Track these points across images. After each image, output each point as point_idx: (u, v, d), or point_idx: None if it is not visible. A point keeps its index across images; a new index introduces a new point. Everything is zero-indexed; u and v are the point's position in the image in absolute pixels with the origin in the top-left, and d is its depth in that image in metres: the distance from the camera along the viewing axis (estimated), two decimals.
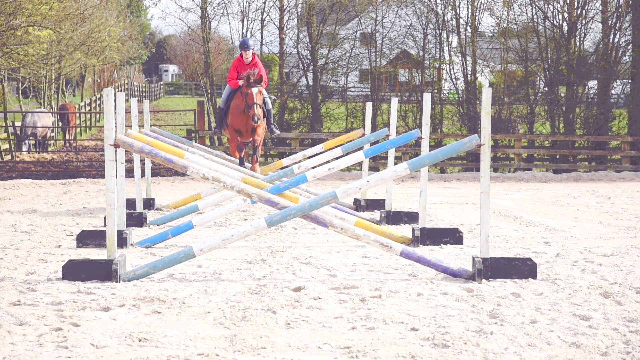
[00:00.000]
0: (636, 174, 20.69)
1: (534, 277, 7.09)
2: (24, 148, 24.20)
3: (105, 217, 8.31)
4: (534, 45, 23.78)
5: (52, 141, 28.20)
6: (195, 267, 7.73)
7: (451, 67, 24.02)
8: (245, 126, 12.37)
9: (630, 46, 23.00)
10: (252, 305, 6.08)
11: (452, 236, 9.23)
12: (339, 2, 23.87)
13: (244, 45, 12.61)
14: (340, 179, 18.82)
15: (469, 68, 23.67)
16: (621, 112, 24.18)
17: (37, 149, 25.15)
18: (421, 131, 9.61)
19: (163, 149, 8.70)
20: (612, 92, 23.75)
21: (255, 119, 11.89)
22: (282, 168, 12.45)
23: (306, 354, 4.95)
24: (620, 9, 23.11)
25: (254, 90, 12.02)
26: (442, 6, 23.85)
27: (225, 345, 5.08)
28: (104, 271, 6.94)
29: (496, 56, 24.74)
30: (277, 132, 13.02)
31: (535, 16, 23.49)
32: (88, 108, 34.35)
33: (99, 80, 45.55)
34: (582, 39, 23.61)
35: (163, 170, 20.08)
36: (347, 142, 11.83)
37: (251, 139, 12.58)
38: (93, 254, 8.38)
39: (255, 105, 11.94)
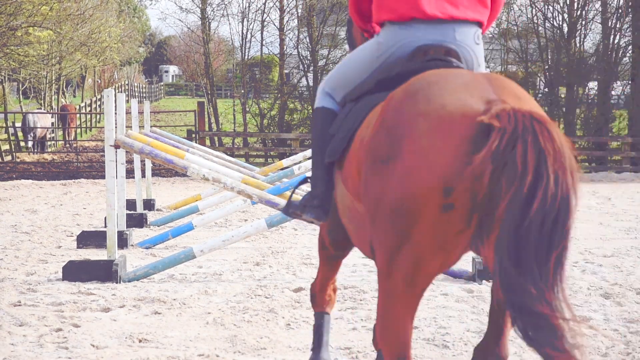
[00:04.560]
0: (637, 175, 20.68)
1: None
2: (30, 138, 24.36)
3: (105, 218, 8.30)
4: (534, 46, 23.80)
5: (52, 142, 28.22)
6: (196, 267, 7.73)
7: None
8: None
9: (630, 47, 23.01)
10: (252, 306, 6.08)
11: None
12: (339, 2, 23.87)
13: None
14: None
15: None
16: (621, 113, 24.20)
17: (36, 150, 25.17)
18: None
19: (163, 150, 8.71)
20: (613, 93, 23.76)
21: None
22: (282, 169, 12.42)
23: (307, 354, 4.94)
24: (620, 10, 23.11)
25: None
26: None
27: (225, 346, 5.08)
28: (105, 272, 6.93)
29: (496, 57, 24.75)
30: None
31: (535, 17, 23.51)
32: (88, 109, 34.36)
33: (99, 81, 45.58)
34: (582, 40, 23.63)
35: (163, 171, 20.09)
36: None
37: None
38: (93, 254, 8.37)
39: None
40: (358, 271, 7.63)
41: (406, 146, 2.56)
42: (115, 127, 7.92)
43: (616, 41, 23.04)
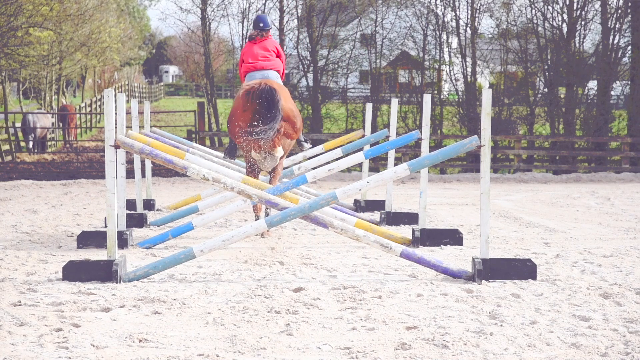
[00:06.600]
0: (636, 175, 20.70)
1: (534, 278, 7.10)
2: (30, 139, 24.40)
3: (105, 218, 8.32)
4: (534, 47, 23.80)
5: (52, 142, 28.23)
6: (196, 267, 7.74)
7: (451, 68, 24.05)
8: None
9: (629, 47, 23.02)
10: (252, 306, 6.09)
11: (452, 237, 9.24)
12: (339, 3, 23.88)
13: (258, 23, 10.16)
14: (340, 180, 18.83)
15: (469, 69, 23.69)
16: (621, 113, 24.20)
17: (37, 150, 25.18)
18: (421, 132, 9.63)
19: (163, 150, 8.71)
20: (612, 93, 23.77)
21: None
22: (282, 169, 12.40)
23: (306, 354, 4.96)
24: (619, 10, 23.12)
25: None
26: (442, 7, 23.89)
27: (225, 346, 5.09)
28: (105, 272, 6.95)
29: (496, 57, 24.76)
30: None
31: (534, 17, 23.51)
32: (88, 109, 34.37)
33: (99, 81, 45.60)
34: (581, 40, 23.63)
35: (163, 171, 20.10)
36: (347, 143, 11.82)
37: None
38: (93, 254, 8.39)
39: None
40: (358, 271, 7.64)
41: (232, 109, 9.65)
42: (116, 127, 7.93)
43: (615, 41, 23.04)
